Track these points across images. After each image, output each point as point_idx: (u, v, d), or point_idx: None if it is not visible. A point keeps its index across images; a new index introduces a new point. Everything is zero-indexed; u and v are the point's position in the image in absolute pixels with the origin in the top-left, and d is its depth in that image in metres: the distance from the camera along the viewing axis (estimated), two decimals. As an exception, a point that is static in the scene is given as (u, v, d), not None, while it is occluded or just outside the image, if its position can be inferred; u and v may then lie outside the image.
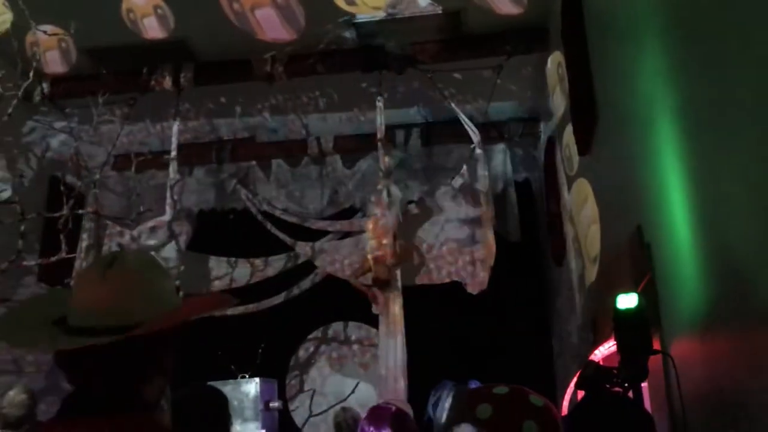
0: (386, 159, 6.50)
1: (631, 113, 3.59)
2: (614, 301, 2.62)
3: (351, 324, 8.03)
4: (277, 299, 7.42)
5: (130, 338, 1.23)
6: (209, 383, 2.84)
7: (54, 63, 6.24)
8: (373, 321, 7.35)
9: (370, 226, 6.55)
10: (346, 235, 7.54)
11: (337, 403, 7.38)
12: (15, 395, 4.16)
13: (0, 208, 4.57)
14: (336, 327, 8.10)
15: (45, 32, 4.99)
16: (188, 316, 1.33)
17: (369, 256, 6.31)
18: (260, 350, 6.84)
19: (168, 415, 2.21)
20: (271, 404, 6.38)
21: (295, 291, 7.52)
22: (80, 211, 5.08)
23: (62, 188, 4.98)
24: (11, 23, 5.14)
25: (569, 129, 5.09)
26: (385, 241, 6.26)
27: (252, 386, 6.23)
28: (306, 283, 7.55)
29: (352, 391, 7.58)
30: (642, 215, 3.43)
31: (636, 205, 3.53)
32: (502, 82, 6.49)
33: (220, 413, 2.54)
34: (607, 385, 2.54)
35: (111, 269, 1.32)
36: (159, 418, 1.34)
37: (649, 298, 3.03)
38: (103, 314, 1.27)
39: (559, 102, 5.57)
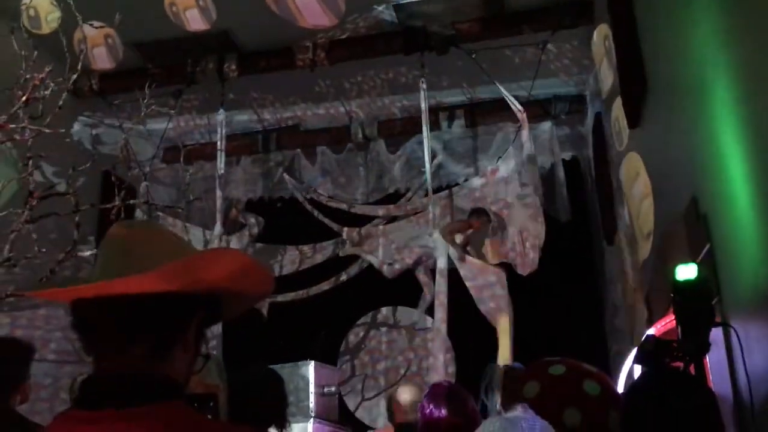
0: (431, 141, 6.47)
1: (682, 81, 3.48)
2: (673, 273, 2.53)
3: (400, 308, 8.02)
4: (326, 285, 7.46)
5: (144, 294, 1.14)
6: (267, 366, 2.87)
7: (101, 60, 6.34)
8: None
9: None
10: (392, 219, 7.53)
11: (388, 388, 7.41)
12: None
13: (55, 200, 4.66)
14: (385, 312, 8.10)
15: (92, 25, 5.06)
16: (209, 274, 1.18)
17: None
18: (322, 335, 6.74)
19: (225, 395, 2.25)
20: (326, 389, 6.41)
21: (344, 277, 7.55)
22: (131, 201, 5.18)
23: (113, 180, 5.08)
24: (59, 20, 5.24)
25: (618, 102, 4.97)
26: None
27: (309, 369, 6.26)
28: (354, 269, 7.57)
29: (403, 375, 7.59)
30: (697, 186, 3.33)
31: (690, 176, 3.43)
32: (547, 58, 6.38)
33: (277, 394, 2.57)
34: (667, 360, 2.46)
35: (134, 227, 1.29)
36: (190, 408, 1.19)
37: (708, 269, 2.94)
38: (119, 253, 1.19)
39: (606, 76, 5.45)
